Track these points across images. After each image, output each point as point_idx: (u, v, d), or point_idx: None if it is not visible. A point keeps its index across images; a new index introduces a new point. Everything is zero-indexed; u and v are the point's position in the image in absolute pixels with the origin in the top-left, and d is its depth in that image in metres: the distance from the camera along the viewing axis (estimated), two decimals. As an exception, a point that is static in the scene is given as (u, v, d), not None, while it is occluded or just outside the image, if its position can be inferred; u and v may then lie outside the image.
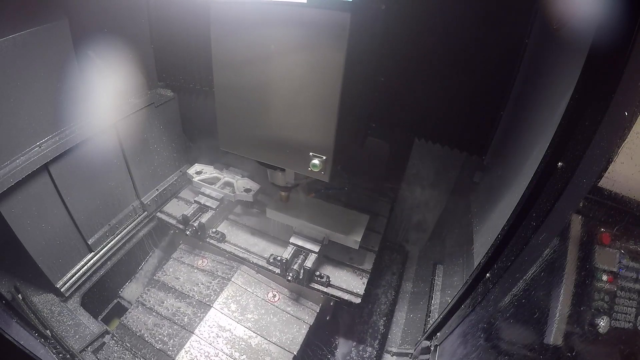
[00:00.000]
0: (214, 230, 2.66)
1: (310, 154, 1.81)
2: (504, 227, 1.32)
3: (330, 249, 2.52)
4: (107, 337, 2.29)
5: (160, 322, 2.28)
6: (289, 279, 2.26)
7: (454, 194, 2.78)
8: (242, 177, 2.94)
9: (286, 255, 2.33)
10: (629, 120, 0.95)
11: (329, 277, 2.33)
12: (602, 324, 1.07)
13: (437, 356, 1.76)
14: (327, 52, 1.55)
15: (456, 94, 2.12)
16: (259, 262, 2.49)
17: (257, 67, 1.73)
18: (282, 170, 2.17)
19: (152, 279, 2.59)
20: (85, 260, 2.54)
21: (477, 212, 2.17)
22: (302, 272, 2.28)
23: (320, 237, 2.39)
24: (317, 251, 2.35)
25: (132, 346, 2.18)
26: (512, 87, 1.96)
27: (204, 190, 2.81)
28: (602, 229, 1.09)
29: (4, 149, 1.92)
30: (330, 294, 2.29)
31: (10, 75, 1.86)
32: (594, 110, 0.97)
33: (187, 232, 2.55)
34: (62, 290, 2.38)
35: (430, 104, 2.22)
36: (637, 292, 1.11)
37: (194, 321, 2.27)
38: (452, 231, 2.87)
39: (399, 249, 3.27)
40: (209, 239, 2.63)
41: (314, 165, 1.80)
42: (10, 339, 1.42)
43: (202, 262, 2.65)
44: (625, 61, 0.89)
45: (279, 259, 2.34)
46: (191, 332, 2.21)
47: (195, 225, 2.55)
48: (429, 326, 2.06)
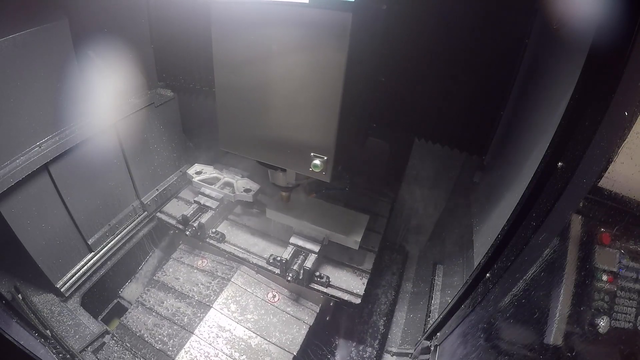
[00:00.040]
0: (213, 230, 2.66)
1: (311, 154, 1.81)
2: (504, 227, 1.32)
3: (330, 249, 2.51)
4: (107, 337, 2.29)
5: (160, 322, 2.28)
6: (288, 279, 2.26)
7: (454, 194, 2.78)
8: (242, 177, 2.94)
9: (286, 255, 2.33)
10: (629, 120, 0.95)
11: (328, 278, 2.33)
12: (602, 324, 1.07)
13: (437, 356, 1.76)
14: (329, 52, 1.55)
15: (456, 94, 2.12)
16: (258, 262, 2.49)
17: (258, 67, 1.73)
18: (284, 170, 2.17)
19: (152, 279, 2.59)
20: (85, 260, 2.54)
21: (477, 212, 2.17)
22: (302, 272, 2.28)
23: (320, 237, 2.39)
24: (317, 251, 2.35)
25: (132, 346, 2.18)
26: (512, 87, 1.96)
27: (203, 190, 2.81)
28: (602, 229, 1.09)
29: (4, 149, 1.92)
30: (330, 294, 2.29)
31: (10, 75, 1.86)
32: (594, 110, 0.97)
33: (187, 232, 2.55)
34: (62, 290, 2.38)
35: (430, 104, 2.22)
36: (637, 292, 1.11)
37: (194, 321, 2.27)
38: (452, 231, 2.86)
39: (399, 249, 3.27)
40: (208, 239, 2.63)
41: (315, 165, 1.80)
42: (10, 339, 1.42)
43: (202, 262, 2.64)
44: (625, 61, 0.89)
45: (279, 259, 2.33)
46: (191, 332, 2.21)
47: (195, 225, 2.55)
48: (429, 326, 2.06)
